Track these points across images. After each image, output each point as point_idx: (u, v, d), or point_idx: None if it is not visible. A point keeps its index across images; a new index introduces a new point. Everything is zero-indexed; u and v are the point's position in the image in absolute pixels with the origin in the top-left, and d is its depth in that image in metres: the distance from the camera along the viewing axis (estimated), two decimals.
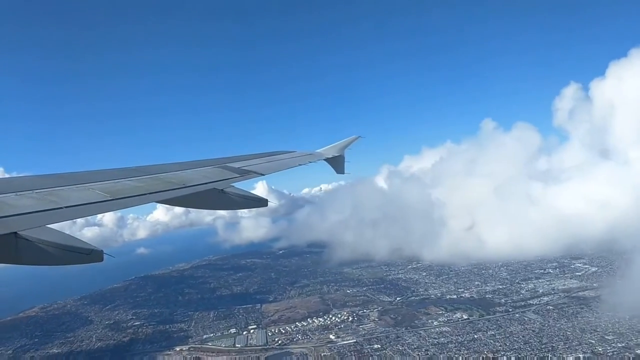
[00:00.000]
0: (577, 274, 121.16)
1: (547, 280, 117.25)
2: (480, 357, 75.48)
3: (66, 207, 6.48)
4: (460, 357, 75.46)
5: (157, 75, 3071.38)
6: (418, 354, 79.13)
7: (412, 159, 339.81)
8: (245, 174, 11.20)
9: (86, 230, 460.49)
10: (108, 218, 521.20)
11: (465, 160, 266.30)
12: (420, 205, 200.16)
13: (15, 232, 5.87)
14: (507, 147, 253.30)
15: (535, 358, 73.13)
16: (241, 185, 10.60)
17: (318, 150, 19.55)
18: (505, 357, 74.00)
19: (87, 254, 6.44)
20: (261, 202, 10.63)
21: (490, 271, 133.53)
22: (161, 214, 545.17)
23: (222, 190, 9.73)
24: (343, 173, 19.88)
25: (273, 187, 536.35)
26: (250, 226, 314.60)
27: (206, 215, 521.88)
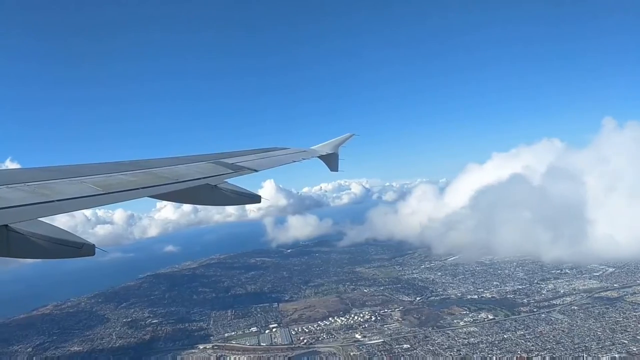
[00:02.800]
0: (595, 274, 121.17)
1: (566, 281, 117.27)
2: (515, 357, 75.18)
3: (58, 200, 6.45)
4: (494, 357, 75.04)
5: (154, 70, 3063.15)
6: (451, 354, 78.83)
7: (503, 158, 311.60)
8: (238, 169, 11.19)
9: (99, 228, 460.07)
10: (118, 216, 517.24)
11: (587, 157, 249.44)
12: (548, 203, 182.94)
13: (7, 225, 5.81)
14: (625, 146, 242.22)
15: (570, 358, 72.89)
16: (237, 182, 10.55)
17: (312, 147, 19.47)
18: (539, 357, 73.77)
19: (79, 248, 6.36)
20: (254, 199, 10.49)
21: (507, 271, 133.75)
22: (169, 212, 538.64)
23: (215, 185, 9.69)
24: (337, 171, 19.75)
25: (281, 186, 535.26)
26: (298, 224, 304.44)
27: (215, 214, 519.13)
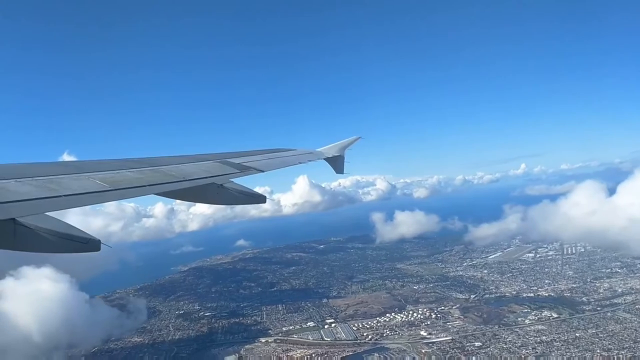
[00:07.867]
0: None
1: (621, 280, 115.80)
2: (591, 356, 74.54)
3: (65, 195, 6.57)
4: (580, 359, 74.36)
5: (160, 69, 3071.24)
6: (526, 352, 78.32)
7: None
8: (245, 169, 11.34)
9: (145, 221, 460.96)
10: (159, 210, 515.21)
11: None
12: None
13: (14, 219, 5.91)
14: None
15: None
16: (242, 181, 10.71)
17: (318, 149, 19.68)
18: (621, 355, 73.18)
19: (85, 243, 6.53)
20: (260, 199, 10.74)
21: (554, 269, 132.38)
22: (204, 207, 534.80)
23: (221, 185, 9.87)
24: (342, 173, 19.94)
25: (314, 181, 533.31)
26: (407, 220, 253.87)
27: (251, 209, 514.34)
